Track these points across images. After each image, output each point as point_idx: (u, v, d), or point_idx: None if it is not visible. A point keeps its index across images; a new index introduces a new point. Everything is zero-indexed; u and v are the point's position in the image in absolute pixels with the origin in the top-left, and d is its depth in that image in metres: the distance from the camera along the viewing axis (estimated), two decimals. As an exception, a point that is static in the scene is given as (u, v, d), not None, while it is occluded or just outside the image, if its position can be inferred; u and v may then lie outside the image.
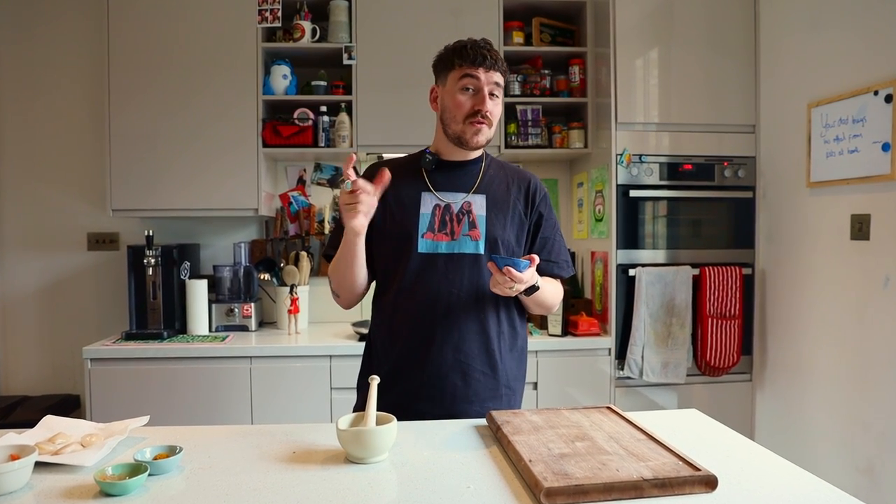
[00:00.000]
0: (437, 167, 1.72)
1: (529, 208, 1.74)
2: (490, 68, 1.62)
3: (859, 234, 2.47)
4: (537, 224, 1.75)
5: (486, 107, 1.62)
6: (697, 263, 3.01)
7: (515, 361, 1.74)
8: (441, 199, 1.68)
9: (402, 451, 1.31)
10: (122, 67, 2.99)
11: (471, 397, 1.65)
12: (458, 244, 1.65)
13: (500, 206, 1.70)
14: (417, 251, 1.64)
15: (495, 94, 1.65)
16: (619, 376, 2.99)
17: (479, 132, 1.65)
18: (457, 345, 1.63)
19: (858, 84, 2.45)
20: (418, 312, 1.64)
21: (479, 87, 1.62)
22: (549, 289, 1.71)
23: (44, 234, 3.37)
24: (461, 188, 1.70)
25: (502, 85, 1.66)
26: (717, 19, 3.03)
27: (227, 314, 3.16)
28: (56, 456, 1.23)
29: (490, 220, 1.67)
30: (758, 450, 1.34)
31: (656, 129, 3.03)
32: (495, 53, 1.63)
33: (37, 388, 3.34)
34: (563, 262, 1.78)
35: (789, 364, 2.89)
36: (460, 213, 1.67)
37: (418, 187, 1.69)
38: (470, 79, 1.62)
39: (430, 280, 1.63)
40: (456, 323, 1.63)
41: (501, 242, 1.67)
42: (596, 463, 1.15)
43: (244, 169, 3.06)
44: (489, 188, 1.71)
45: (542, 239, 1.75)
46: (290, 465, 1.24)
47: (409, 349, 1.65)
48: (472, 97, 1.63)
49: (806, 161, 2.72)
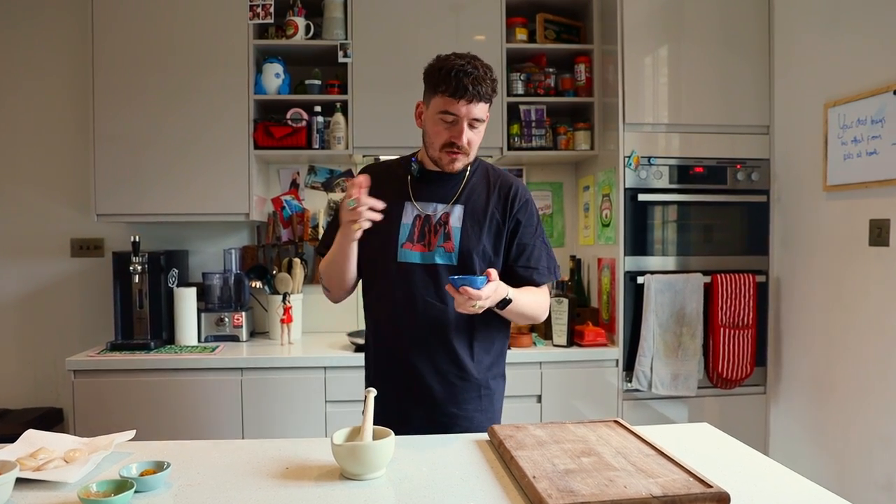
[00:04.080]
0: (421, 176, 1.82)
1: (507, 215, 1.81)
2: (472, 101, 1.66)
3: (878, 239, 2.47)
4: (514, 231, 1.81)
5: (463, 140, 1.70)
6: (709, 271, 3.01)
7: (492, 360, 1.84)
8: (421, 210, 1.79)
9: (399, 466, 1.31)
10: (107, 66, 3.00)
11: (450, 400, 1.77)
12: (433, 255, 1.76)
13: (477, 216, 1.79)
14: (397, 260, 1.77)
15: (477, 126, 1.72)
16: (626, 389, 2.99)
17: (455, 161, 1.74)
18: (431, 352, 1.76)
19: (877, 83, 2.46)
20: (397, 318, 1.78)
21: (458, 119, 1.68)
22: (527, 299, 1.77)
23: (25, 240, 3.37)
24: (442, 199, 1.80)
25: (484, 118, 1.72)
26: (729, 15, 3.04)
27: (217, 324, 3.16)
28: (38, 472, 1.23)
29: (465, 231, 1.77)
30: (772, 466, 1.35)
31: (666, 130, 3.03)
32: (482, 84, 1.66)
33: (18, 402, 3.33)
34: (544, 269, 1.83)
35: (805, 376, 2.89)
36: (437, 225, 1.78)
37: (402, 196, 1.80)
38: (448, 113, 1.68)
39: (407, 288, 1.76)
40: (431, 330, 1.76)
41: (476, 253, 1.76)
42: (603, 479, 1.16)
43: (235, 172, 3.06)
44: (469, 199, 1.80)
45: (520, 245, 1.81)
46: (283, 481, 1.24)
47: (390, 352, 1.81)
48: (449, 128, 1.70)
49: (822, 163, 2.73)
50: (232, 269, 3.26)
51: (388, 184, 1.81)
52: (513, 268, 1.81)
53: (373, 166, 2.00)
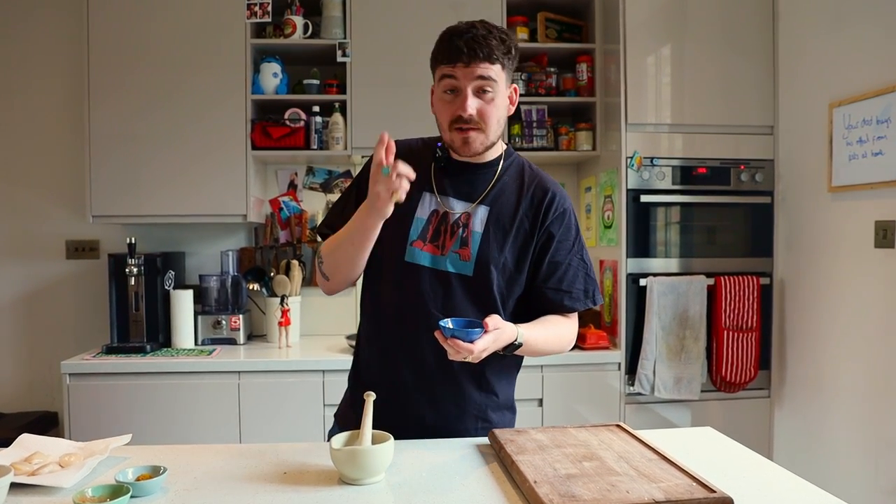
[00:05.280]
0: (447, 165, 1.59)
1: (538, 226, 1.56)
2: (471, 61, 1.44)
3: (884, 241, 2.47)
4: (545, 246, 1.56)
5: (468, 110, 1.45)
6: (712, 273, 3.02)
7: (501, 390, 1.62)
8: (441, 204, 1.56)
9: (399, 471, 1.31)
10: (102, 65, 3.01)
11: (442, 429, 1.56)
12: (444, 260, 1.53)
13: (504, 222, 1.55)
14: (403, 259, 1.54)
15: (486, 90, 1.46)
16: (629, 392, 3.00)
17: (468, 140, 1.49)
18: (429, 372, 1.54)
19: (883, 83, 2.46)
20: (395, 327, 1.56)
21: (460, 88, 1.46)
22: (544, 336, 1.53)
23: (19, 242, 3.37)
24: (466, 196, 1.57)
25: (495, 78, 1.46)
26: (733, 14, 3.04)
27: (214, 326, 3.16)
28: (33, 477, 1.23)
29: (486, 238, 1.53)
30: (776, 470, 1.35)
31: (669, 130, 3.04)
32: (481, 43, 1.44)
33: (12, 405, 3.33)
34: (579, 293, 1.58)
35: (810, 379, 2.89)
36: (455, 226, 1.54)
37: (421, 185, 1.54)
38: (449, 79, 1.48)
39: (412, 295, 1.53)
40: (432, 349, 1.44)
41: (495, 266, 1.52)
42: (605, 484, 1.16)
43: (232, 173, 3.07)
44: (497, 200, 1.56)
45: (552, 264, 1.56)
46: (281, 486, 1.24)
47: (382, 364, 1.58)
48: (452, 100, 1.48)
49: (827, 164, 2.73)
50: (229, 271, 3.26)
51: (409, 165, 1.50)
52: (541, 289, 1.56)
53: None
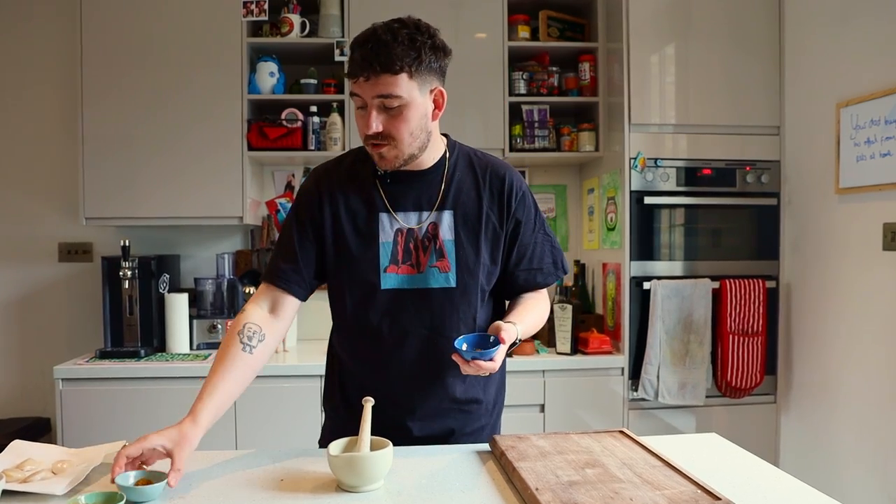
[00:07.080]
0: (391, 178, 1.53)
1: (505, 216, 1.56)
2: (370, 76, 1.37)
3: (892, 244, 2.47)
4: (514, 233, 1.58)
5: (371, 128, 1.40)
6: (717, 276, 3.02)
7: (490, 398, 1.64)
8: (402, 221, 1.52)
9: (398, 478, 1.31)
10: (95, 65, 3.01)
11: (426, 440, 1.56)
12: (425, 277, 1.51)
13: (472, 222, 1.53)
14: (381, 289, 1.50)
15: (390, 106, 1.39)
16: (632, 398, 3.00)
17: (383, 156, 1.44)
18: (416, 392, 1.54)
19: (891, 82, 2.47)
20: (381, 357, 1.53)
21: (365, 103, 1.41)
22: (533, 321, 1.57)
23: (11, 244, 3.37)
24: (423, 205, 1.53)
25: (399, 91, 1.37)
26: (738, 12, 3.05)
27: (210, 331, 3.16)
28: (25, 484, 1.23)
29: (459, 244, 1.52)
30: (782, 477, 1.35)
31: (673, 130, 3.04)
32: (379, 51, 1.36)
33: (3, 411, 3.33)
34: (549, 266, 1.62)
35: (816, 384, 2.89)
36: (426, 239, 1.51)
37: (373, 206, 1.52)
38: (355, 96, 1.43)
39: (394, 322, 1.51)
40: (422, 370, 1.51)
41: (476, 270, 1.52)
42: (608, 491, 1.16)
43: (228, 174, 3.07)
44: (457, 201, 1.53)
45: (521, 247, 1.58)
46: (278, 493, 1.24)
47: (364, 389, 1.48)
48: (362, 116, 1.43)
49: (834, 165, 2.74)
50: (225, 274, 3.26)
51: (353, 190, 1.53)
52: (514, 273, 1.59)
53: (324, 168, 1.60)
